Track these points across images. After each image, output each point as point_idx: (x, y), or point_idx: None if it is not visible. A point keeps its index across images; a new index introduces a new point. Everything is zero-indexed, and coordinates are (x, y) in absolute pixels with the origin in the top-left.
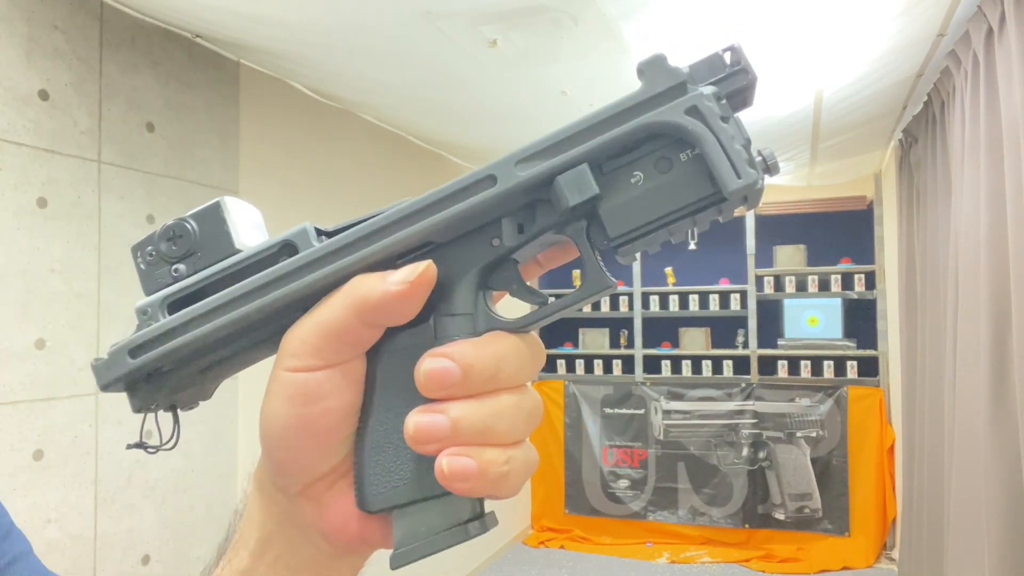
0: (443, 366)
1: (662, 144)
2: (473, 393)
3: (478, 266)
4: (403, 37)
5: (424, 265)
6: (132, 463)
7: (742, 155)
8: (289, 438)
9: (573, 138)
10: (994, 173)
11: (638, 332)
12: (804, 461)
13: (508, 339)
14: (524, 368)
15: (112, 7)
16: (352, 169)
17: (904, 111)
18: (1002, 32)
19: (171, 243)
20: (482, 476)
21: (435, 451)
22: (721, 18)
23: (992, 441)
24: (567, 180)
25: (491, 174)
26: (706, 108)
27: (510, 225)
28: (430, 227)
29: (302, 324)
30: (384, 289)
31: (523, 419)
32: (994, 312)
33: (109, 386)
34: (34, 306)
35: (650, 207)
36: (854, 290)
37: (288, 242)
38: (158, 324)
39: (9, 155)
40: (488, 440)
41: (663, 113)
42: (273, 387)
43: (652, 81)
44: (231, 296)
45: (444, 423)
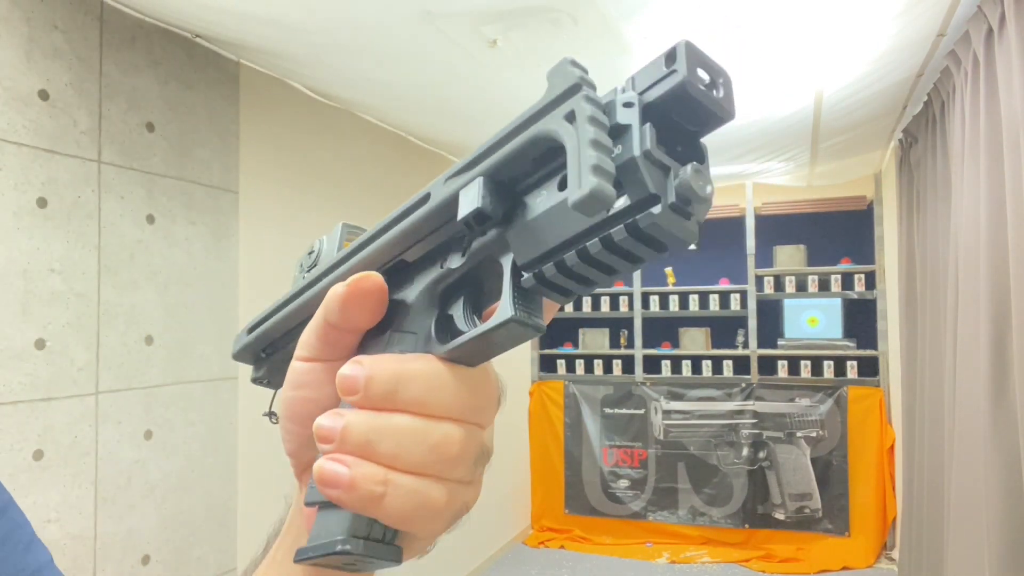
0: (351, 372)
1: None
2: (370, 406)
3: (427, 287)
4: (403, 37)
5: (365, 274)
6: (132, 463)
7: (591, 160)
8: (283, 418)
9: (486, 151)
10: (994, 173)
11: (638, 332)
12: (804, 461)
13: (426, 362)
14: (437, 396)
15: (112, 7)
16: (352, 169)
17: (904, 111)
18: (1002, 32)
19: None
20: (351, 488)
21: (329, 452)
22: (721, 18)
23: (992, 441)
24: (464, 195)
25: (428, 192)
26: (580, 109)
27: (456, 248)
28: (380, 247)
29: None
30: (335, 292)
31: (419, 448)
32: (994, 312)
33: (238, 355)
34: (34, 306)
35: (551, 229)
36: (854, 290)
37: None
38: (257, 316)
39: (9, 155)
40: (368, 455)
41: (547, 121)
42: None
43: (552, 87)
44: (285, 299)
45: (336, 426)
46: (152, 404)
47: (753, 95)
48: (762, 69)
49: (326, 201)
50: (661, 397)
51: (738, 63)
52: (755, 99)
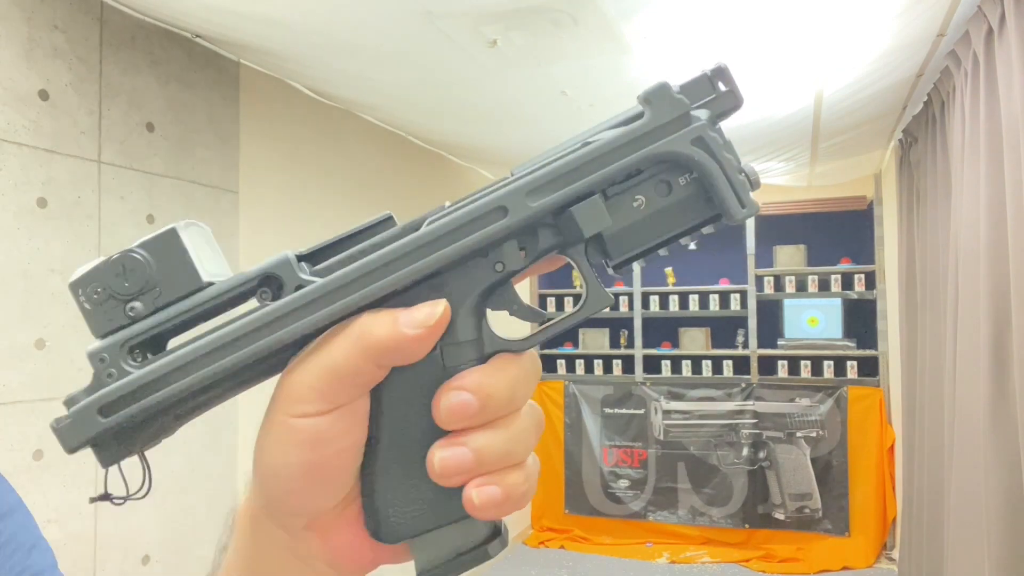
0: (462, 400)
1: (663, 168)
2: (491, 421)
3: (482, 291)
4: (403, 37)
5: (441, 306)
6: (132, 463)
7: (745, 185)
8: (298, 482)
9: (583, 168)
10: (994, 173)
11: (638, 332)
12: (804, 461)
13: (516, 361)
14: (531, 385)
15: (112, 7)
16: (352, 169)
17: (904, 111)
18: (1002, 32)
19: (122, 279)
20: (507, 500)
21: (460, 482)
22: (721, 18)
23: (992, 441)
24: (581, 212)
25: (502, 206)
26: (711, 139)
27: (513, 248)
28: (438, 261)
29: (306, 368)
30: (400, 333)
31: (534, 432)
32: (994, 312)
33: (78, 448)
34: (34, 306)
35: (652, 230)
36: (854, 290)
37: (270, 274)
38: (132, 378)
39: (9, 155)
40: (509, 464)
41: (671, 143)
42: (276, 433)
43: (658, 111)
44: (219, 343)
45: (468, 455)
46: None
47: (753, 95)
48: (762, 69)
49: (326, 201)
50: (661, 397)
51: (738, 63)
52: (755, 99)
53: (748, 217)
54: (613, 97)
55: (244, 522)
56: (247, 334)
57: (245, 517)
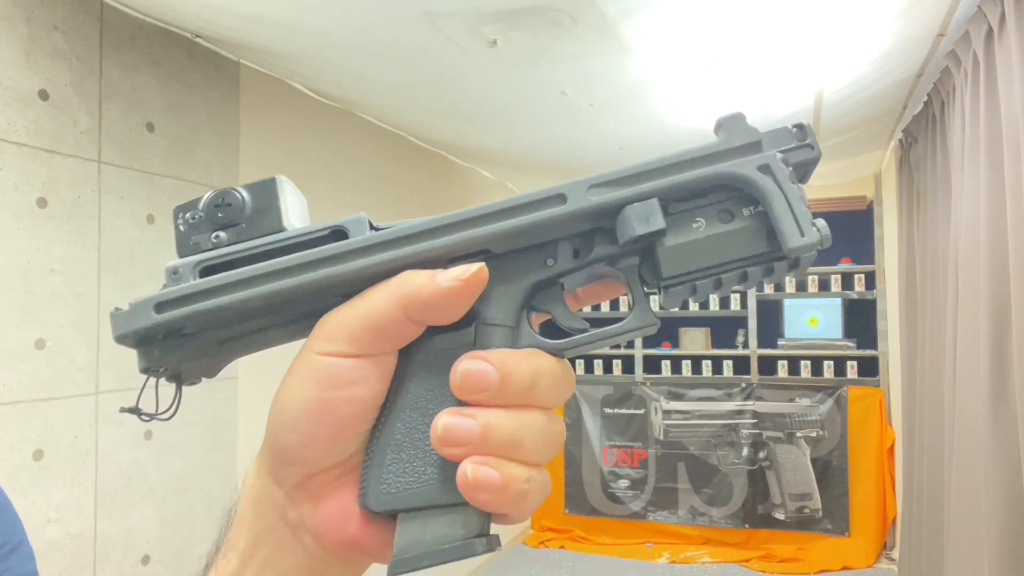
0: (481, 368)
1: (728, 196)
2: (506, 403)
3: (529, 282)
4: (403, 37)
5: (477, 265)
6: (132, 463)
7: (808, 216)
8: (304, 422)
9: (648, 173)
10: (994, 173)
11: None
12: (804, 461)
13: (547, 358)
14: (558, 390)
15: (112, 7)
16: (352, 169)
17: (904, 111)
18: (1002, 32)
19: (218, 209)
20: (504, 490)
21: (460, 456)
22: (721, 18)
23: (992, 441)
24: (635, 210)
25: (562, 193)
26: (778, 167)
27: (567, 248)
28: (492, 233)
29: (343, 310)
30: (435, 284)
31: (549, 442)
32: (994, 312)
33: (125, 338)
34: (34, 306)
35: (707, 254)
36: (854, 290)
37: (340, 228)
38: (192, 283)
39: (9, 155)
40: (514, 454)
41: (737, 165)
42: (299, 368)
43: (730, 135)
44: (275, 268)
45: (474, 427)
46: (152, 404)
47: (753, 95)
48: (762, 69)
49: (326, 201)
50: (661, 397)
51: (738, 63)
52: (755, 99)
53: (805, 248)
54: (613, 97)
55: (249, 480)
56: (299, 265)
57: (252, 470)
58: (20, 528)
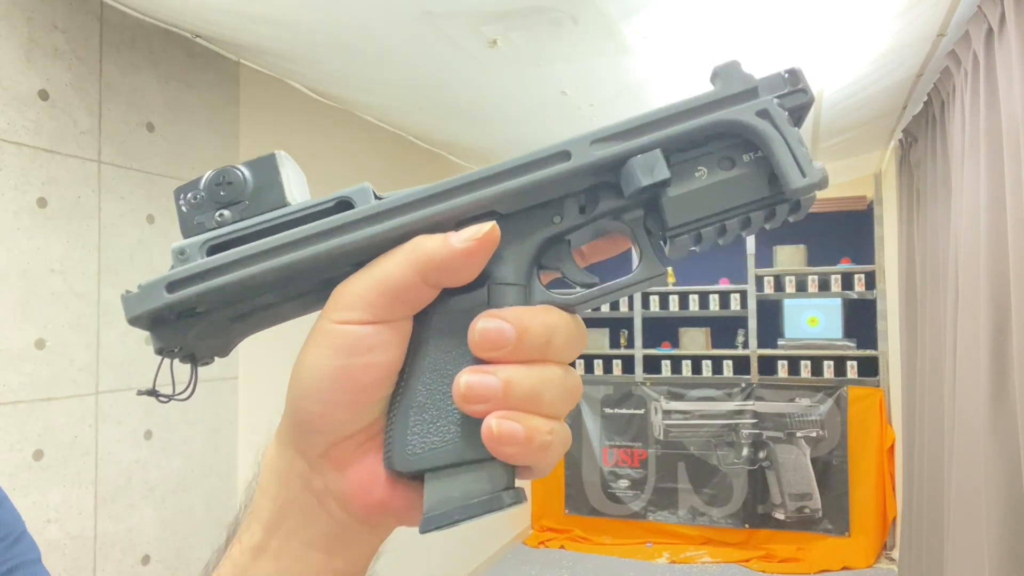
0: (498, 326)
1: (727, 144)
2: (524, 359)
3: (537, 240)
4: (403, 37)
5: (489, 225)
6: (132, 463)
7: (808, 157)
8: (325, 390)
9: (649, 125)
10: (994, 173)
11: (638, 332)
12: (804, 461)
13: (560, 314)
14: (572, 344)
15: (112, 7)
16: (352, 169)
17: (904, 111)
18: (1002, 32)
19: (219, 188)
20: (528, 442)
21: (483, 412)
22: (721, 18)
23: (992, 441)
24: (640, 162)
25: (566, 150)
26: (776, 112)
27: (573, 204)
28: (499, 193)
29: (358, 278)
30: (449, 247)
31: (567, 395)
32: (994, 312)
33: (138, 319)
34: (34, 306)
35: (711, 201)
36: (854, 290)
37: (345, 199)
38: (201, 261)
39: (9, 155)
40: (535, 407)
41: (736, 112)
42: (317, 338)
43: (727, 83)
44: (284, 241)
45: (496, 383)
46: (152, 404)
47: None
48: (762, 69)
49: None
50: (661, 397)
51: None
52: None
53: (810, 189)
54: (613, 97)
55: (271, 452)
56: (309, 237)
57: (273, 445)
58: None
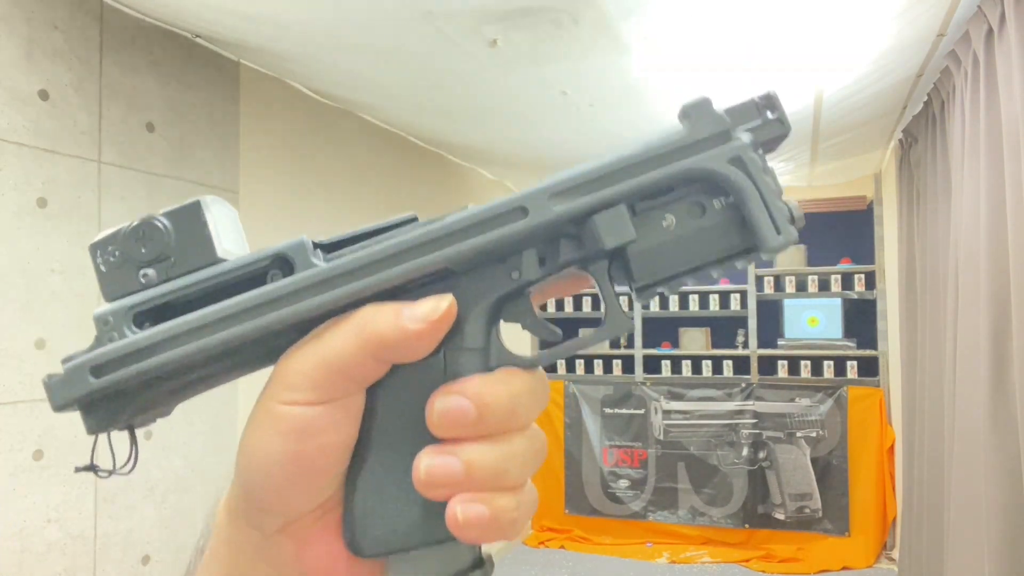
0: (458, 405)
1: (696, 189)
2: (487, 433)
3: (494, 298)
4: (403, 37)
5: (447, 302)
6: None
7: (783, 211)
8: (277, 475)
9: (611, 176)
10: (994, 173)
11: (638, 332)
12: (804, 461)
13: (522, 377)
14: (536, 407)
15: (112, 7)
16: (352, 169)
17: (904, 111)
18: (1002, 32)
19: (140, 244)
20: (494, 523)
21: (445, 496)
22: (721, 18)
23: (992, 441)
24: (603, 221)
25: (522, 205)
26: (750, 160)
27: (532, 257)
28: (451, 256)
29: (302, 355)
30: (402, 327)
31: (533, 459)
32: (994, 312)
33: (64, 407)
34: (34, 306)
35: (680, 254)
36: (854, 290)
37: (282, 255)
38: (129, 340)
39: (9, 155)
40: (501, 485)
41: (706, 159)
42: (262, 419)
43: (696, 126)
44: (220, 315)
45: (457, 467)
46: None
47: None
48: (762, 69)
49: (326, 201)
50: (661, 397)
51: (738, 63)
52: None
53: (783, 248)
54: (613, 97)
55: (221, 520)
56: (247, 310)
57: (223, 515)
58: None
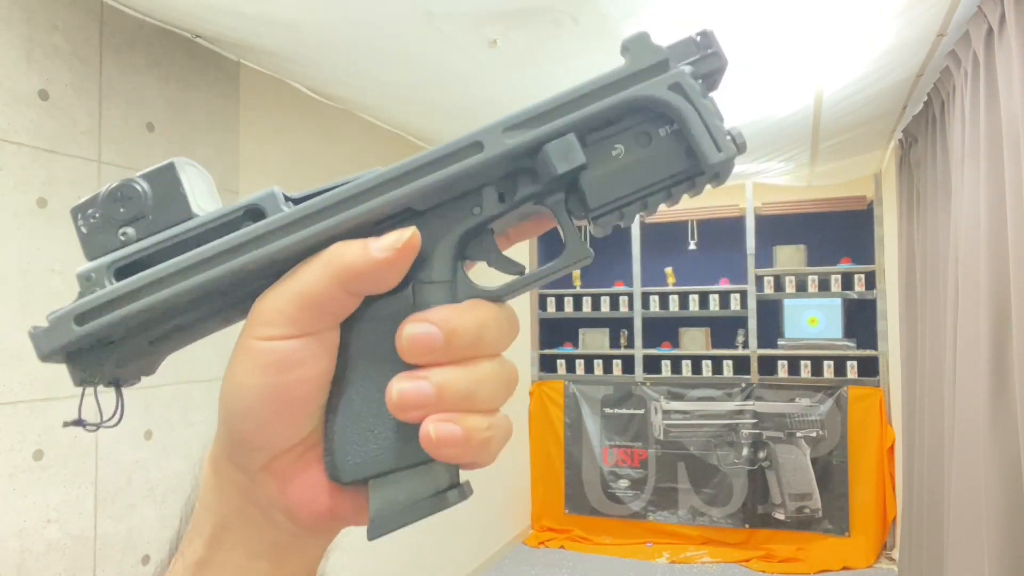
0: (426, 331)
1: (642, 119)
2: (455, 359)
3: (457, 234)
4: (403, 37)
5: (410, 232)
6: (132, 463)
7: (722, 130)
8: (259, 409)
9: (560, 108)
10: (994, 173)
11: (638, 332)
12: (804, 461)
13: (488, 307)
14: (504, 336)
15: (112, 7)
16: (352, 169)
17: (904, 111)
18: (1002, 32)
19: (118, 204)
20: (467, 442)
21: (418, 418)
22: (721, 18)
23: (992, 441)
24: (555, 148)
25: (477, 140)
26: (688, 84)
27: (491, 194)
28: (413, 192)
29: (277, 292)
30: (369, 256)
31: (503, 386)
32: (994, 312)
33: (50, 356)
34: (34, 306)
35: (630, 179)
36: (854, 290)
37: (254, 206)
38: (108, 289)
39: (9, 155)
40: (471, 406)
41: (647, 87)
42: (242, 356)
43: (636, 57)
44: (195, 259)
45: (428, 389)
46: (152, 404)
47: (753, 95)
48: (762, 69)
49: None
50: (661, 397)
51: (738, 63)
52: (755, 99)
53: (724, 163)
54: None
55: (208, 469)
56: (220, 253)
57: (208, 463)
58: None
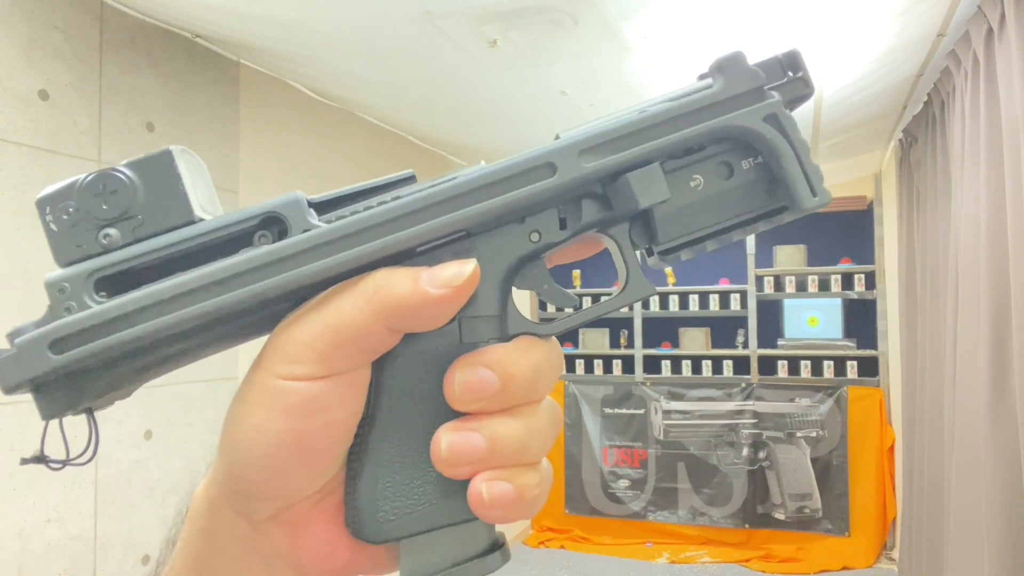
0: (481, 377)
1: (725, 148)
2: (509, 407)
3: (511, 262)
4: (403, 37)
5: (471, 266)
6: (132, 463)
7: (818, 172)
8: (275, 457)
9: (645, 132)
10: (994, 173)
11: (638, 332)
12: (804, 461)
13: (541, 346)
14: (555, 376)
15: (112, 7)
16: (352, 169)
17: (904, 111)
18: (1002, 32)
19: (100, 199)
20: (518, 501)
21: (468, 474)
22: (721, 18)
23: (992, 441)
24: (637, 179)
25: (550, 161)
26: (785, 117)
27: (552, 218)
28: (472, 216)
29: (306, 323)
30: (421, 292)
31: (552, 433)
32: (994, 312)
33: (15, 389)
34: (34, 306)
35: (707, 214)
36: (854, 290)
37: (273, 214)
38: (98, 310)
39: (9, 155)
40: (523, 460)
41: (741, 117)
42: (258, 395)
43: (731, 81)
44: (208, 279)
45: (481, 443)
46: (152, 404)
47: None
48: None
49: None
50: (661, 397)
51: None
52: None
53: (818, 207)
54: (613, 97)
55: (199, 509)
56: (237, 275)
57: (201, 503)
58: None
